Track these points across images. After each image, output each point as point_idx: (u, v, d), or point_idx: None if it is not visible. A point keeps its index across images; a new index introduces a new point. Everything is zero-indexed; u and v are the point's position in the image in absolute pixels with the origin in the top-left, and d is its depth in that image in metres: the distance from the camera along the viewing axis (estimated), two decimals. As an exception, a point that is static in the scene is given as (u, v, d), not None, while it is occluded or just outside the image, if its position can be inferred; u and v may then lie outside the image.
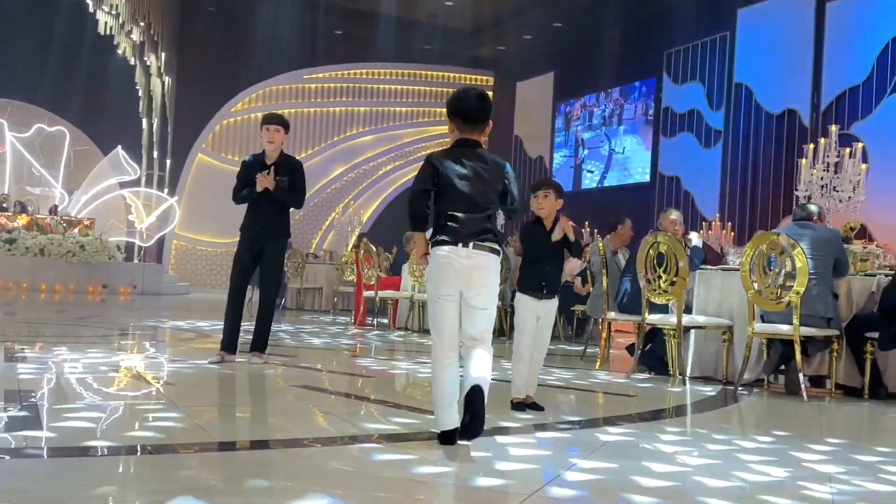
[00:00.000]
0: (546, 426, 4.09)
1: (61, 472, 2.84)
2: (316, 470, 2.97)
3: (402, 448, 3.44)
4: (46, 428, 3.48)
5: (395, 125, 23.20)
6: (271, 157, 6.14)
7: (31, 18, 19.15)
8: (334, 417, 4.09)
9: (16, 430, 3.41)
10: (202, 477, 2.89)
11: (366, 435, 3.66)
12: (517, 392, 4.48)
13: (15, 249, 15.78)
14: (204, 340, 7.75)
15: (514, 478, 3.01)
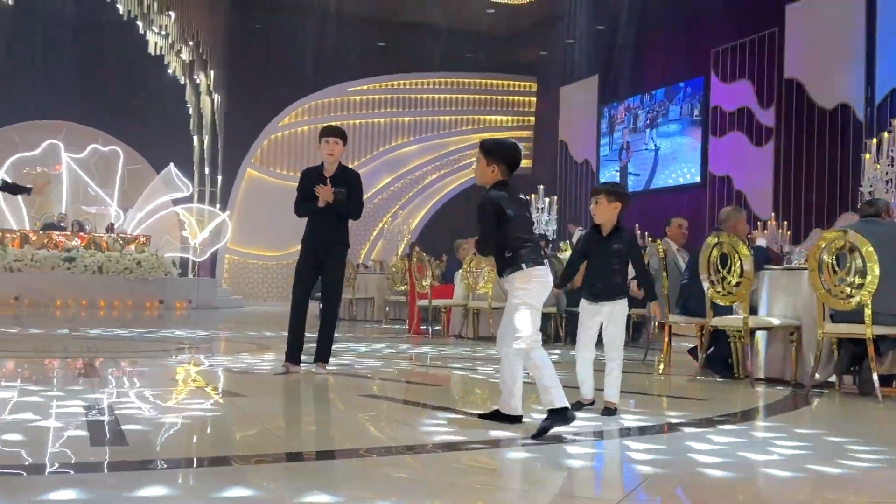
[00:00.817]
0: (628, 431, 4.06)
1: (138, 483, 2.90)
2: (384, 479, 2.99)
3: (471, 455, 3.45)
4: (128, 441, 3.55)
5: (440, 134, 23.29)
6: (330, 170, 6.20)
7: (84, 41, 19.62)
8: (402, 426, 4.12)
9: (99, 445, 3.50)
10: (271, 487, 2.93)
11: (434, 443, 3.67)
12: (584, 392, 4.54)
13: (74, 268, 16.15)
14: (265, 352, 7.85)
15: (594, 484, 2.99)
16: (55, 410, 4.22)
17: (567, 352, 8.74)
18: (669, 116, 18.46)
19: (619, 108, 20.01)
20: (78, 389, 4.99)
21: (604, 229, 4.57)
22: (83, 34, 19.48)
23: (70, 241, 16.80)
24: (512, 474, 3.27)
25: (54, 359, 7.00)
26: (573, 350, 4.73)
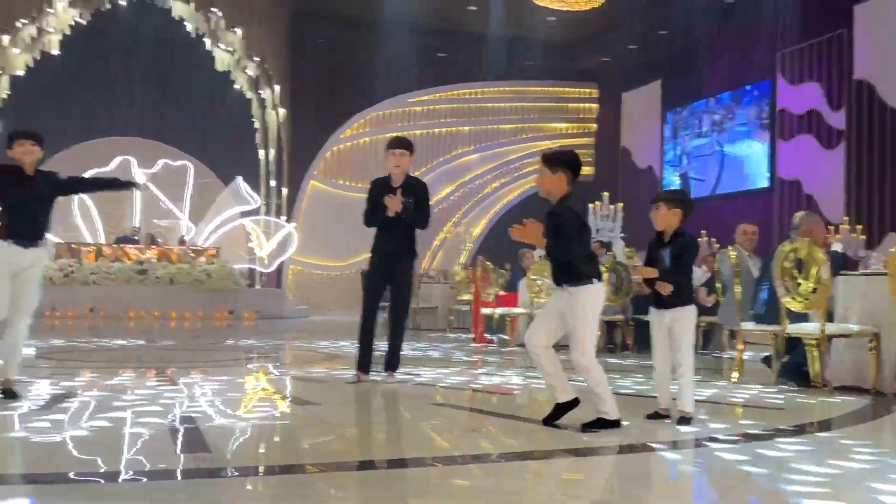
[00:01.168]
0: (713, 440, 4.01)
1: (224, 490, 2.98)
2: (451, 488, 3.01)
3: (538, 465, 3.45)
4: (211, 449, 3.65)
5: (500, 142, 23.31)
6: (397, 181, 6.28)
7: (155, 59, 20.22)
8: (469, 435, 4.14)
9: (188, 452, 3.61)
10: (345, 496, 2.98)
11: (500, 453, 3.68)
12: (660, 402, 4.51)
13: (147, 280, 16.62)
14: (334, 361, 7.96)
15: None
16: (139, 419, 4.36)
17: (635, 360, 8.65)
18: (736, 120, 18.15)
19: (684, 112, 19.75)
20: (158, 398, 5.14)
21: (665, 236, 4.57)
22: (154, 53, 20.08)
23: (143, 254, 17.30)
24: (581, 484, 3.27)
25: (132, 368, 7.22)
26: (642, 358, 4.70)
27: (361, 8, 19.93)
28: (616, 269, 9.80)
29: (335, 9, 20.28)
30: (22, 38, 17.54)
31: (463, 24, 21.06)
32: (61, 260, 16.43)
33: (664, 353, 4.50)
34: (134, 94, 19.97)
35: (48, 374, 6.64)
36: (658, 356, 4.53)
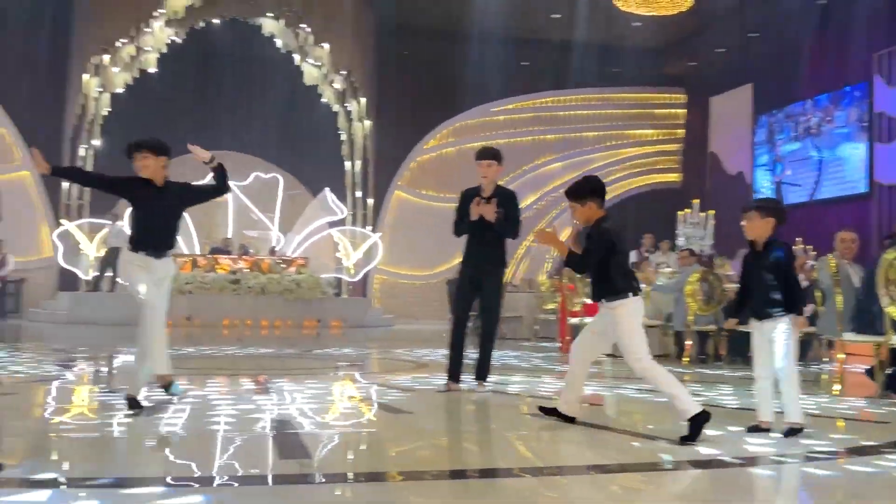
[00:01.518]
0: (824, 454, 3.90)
1: (314, 496, 3.05)
2: (539, 499, 3.01)
3: (627, 478, 3.40)
4: (303, 455, 3.74)
5: (585, 150, 23.10)
6: (487, 190, 6.32)
7: (245, 75, 20.83)
8: (559, 446, 4.12)
9: (289, 458, 3.70)
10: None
11: (589, 465, 3.65)
12: (760, 415, 4.40)
13: (239, 289, 17.09)
14: (423, 370, 8.03)
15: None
16: (242, 425, 4.50)
17: (728, 371, 8.45)
18: (836, 123, 17.53)
19: (780, 115, 19.15)
20: (257, 405, 5.29)
21: (757, 245, 4.48)
22: (246, 69, 20.70)
23: (235, 264, 17.79)
24: (677, 497, 3.22)
25: (227, 375, 7.43)
26: (736, 369, 4.62)
27: (445, 20, 20.11)
28: (707, 278, 9.61)
29: (420, 21, 20.51)
30: (121, 58, 18.32)
31: (546, 32, 20.99)
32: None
33: (765, 365, 4.40)
34: (227, 109, 20.60)
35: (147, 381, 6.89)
36: (759, 368, 4.43)
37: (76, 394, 6.11)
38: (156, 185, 5.11)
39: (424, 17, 19.98)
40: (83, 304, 16.65)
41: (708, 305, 9.44)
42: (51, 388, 6.17)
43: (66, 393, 6.11)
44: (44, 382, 6.40)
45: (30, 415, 4.90)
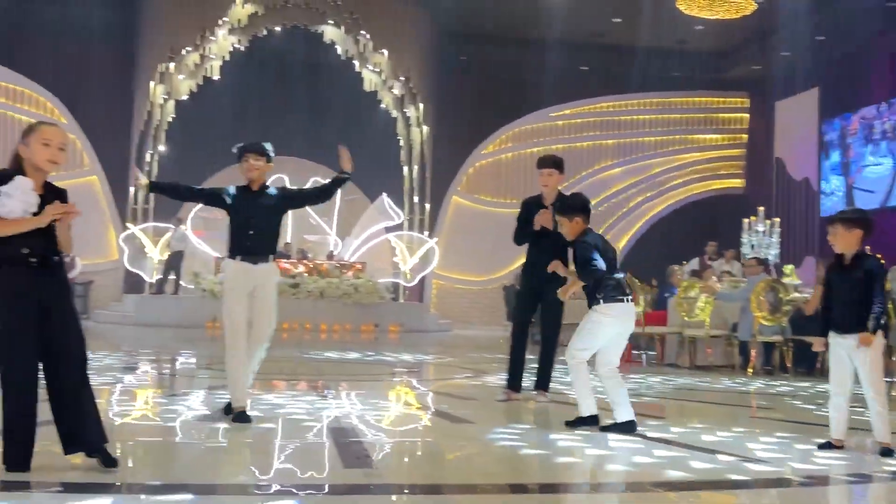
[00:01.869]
0: None
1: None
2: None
3: (695, 497, 3.30)
4: (375, 465, 3.73)
5: (645, 155, 22.81)
6: (549, 199, 6.25)
7: (305, 81, 21.07)
8: (629, 461, 4.03)
9: (353, 467, 3.69)
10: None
11: (655, 481, 3.56)
12: (833, 432, 4.23)
13: (298, 293, 17.28)
14: (482, 377, 7.98)
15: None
16: (300, 432, 4.52)
17: (793, 382, 8.21)
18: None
19: (851, 118, 18.57)
20: (321, 410, 5.31)
21: (845, 259, 4.33)
22: (306, 75, 20.95)
23: (295, 269, 17.99)
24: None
25: (286, 380, 7.49)
26: (802, 381, 4.48)
27: (504, 25, 20.06)
28: (774, 287, 9.37)
29: (478, 27, 20.51)
30: (186, 65, 18.71)
31: (607, 37, 20.79)
32: (221, 274, 17.33)
33: (843, 382, 4.24)
34: (287, 115, 20.87)
35: (208, 385, 6.99)
36: (836, 384, 4.27)
37: (139, 397, 6.22)
38: (252, 189, 5.01)
39: (483, 22, 19.97)
40: (148, 307, 17.02)
41: (774, 315, 9.21)
42: (114, 390, 6.29)
43: (129, 395, 6.22)
44: (108, 385, 6.53)
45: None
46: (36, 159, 3.36)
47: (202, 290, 16.95)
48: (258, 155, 5.00)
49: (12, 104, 19.06)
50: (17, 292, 3.26)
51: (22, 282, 3.27)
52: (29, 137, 3.38)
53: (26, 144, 3.37)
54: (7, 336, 3.24)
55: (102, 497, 2.96)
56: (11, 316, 3.25)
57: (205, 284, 17.01)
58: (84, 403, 3.33)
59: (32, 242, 3.28)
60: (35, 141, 3.37)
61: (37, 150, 3.36)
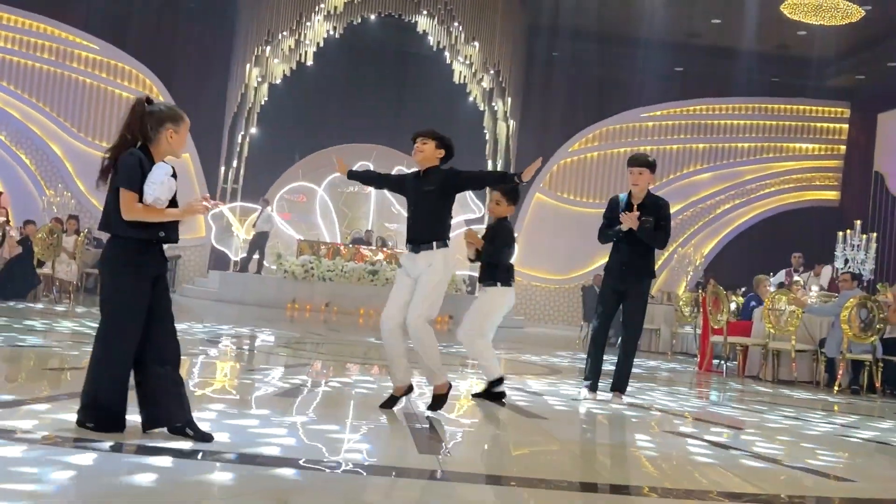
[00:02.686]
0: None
1: (440, 493, 2.99)
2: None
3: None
4: (430, 450, 3.72)
5: (736, 161, 22.18)
6: (637, 198, 6.13)
7: (396, 71, 21.25)
8: (698, 468, 3.91)
9: (427, 453, 3.69)
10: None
11: (719, 492, 3.44)
12: None
13: (377, 280, 17.45)
14: (556, 375, 7.90)
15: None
16: (379, 416, 4.55)
17: (885, 404, 7.88)
18: None
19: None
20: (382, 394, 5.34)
21: None
22: (397, 64, 21.11)
23: (374, 256, 18.17)
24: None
25: (359, 364, 7.56)
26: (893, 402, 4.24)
27: (598, 21, 19.77)
28: (866, 304, 9.00)
29: (571, 22, 20.26)
30: (281, 50, 19.06)
31: (704, 38, 20.28)
32: (303, 256, 17.64)
33: None
34: (376, 103, 21.07)
35: (284, 362, 7.11)
36: None
37: (220, 369, 6.37)
38: (419, 173, 4.88)
39: (576, 17, 19.71)
40: (231, 284, 17.45)
41: (865, 333, 8.84)
42: (196, 362, 6.45)
43: (210, 368, 6.37)
44: (190, 357, 6.70)
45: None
46: (180, 148, 3.51)
47: (284, 272, 17.28)
48: (424, 137, 4.92)
49: (112, 79, 19.76)
50: (145, 272, 3.40)
51: (151, 262, 3.43)
52: (181, 125, 3.48)
53: (177, 131, 3.46)
54: (128, 311, 3.36)
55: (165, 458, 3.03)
56: (136, 292, 3.37)
57: (287, 266, 17.34)
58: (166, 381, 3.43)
59: (168, 226, 3.44)
60: (185, 130, 3.50)
61: (184, 141, 3.53)
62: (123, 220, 3.35)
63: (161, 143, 3.45)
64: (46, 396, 4.25)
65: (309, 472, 3.07)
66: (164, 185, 3.38)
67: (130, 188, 3.33)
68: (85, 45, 19.92)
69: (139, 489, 2.60)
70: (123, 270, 3.37)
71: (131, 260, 3.38)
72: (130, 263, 3.38)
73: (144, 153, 3.43)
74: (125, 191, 3.33)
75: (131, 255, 3.38)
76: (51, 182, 19.35)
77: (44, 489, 2.49)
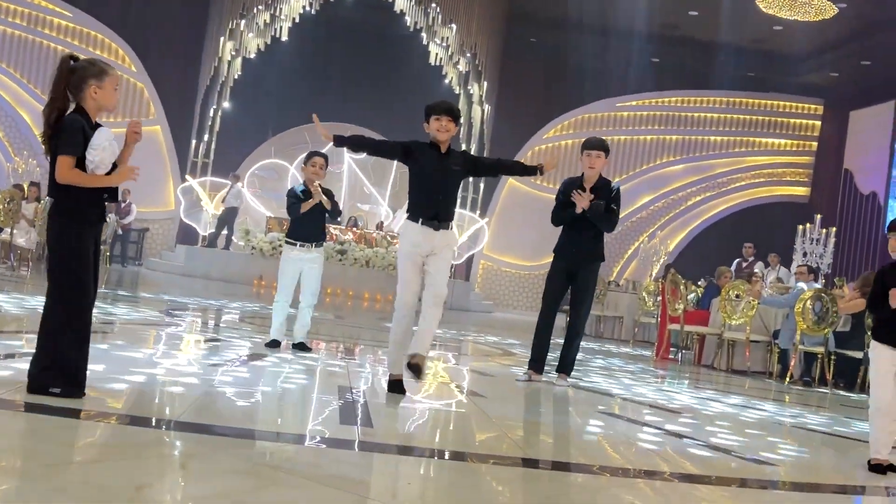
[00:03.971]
0: None
1: (379, 466, 3.00)
2: (614, 501, 2.87)
3: (710, 490, 3.21)
4: (372, 424, 3.72)
5: (708, 154, 22.32)
6: (590, 181, 6.15)
7: (371, 50, 21.07)
8: (639, 449, 3.95)
9: (348, 424, 3.70)
10: (501, 490, 2.91)
11: (671, 472, 3.48)
12: (876, 452, 4.00)
13: (345, 260, 17.41)
14: (509, 358, 7.94)
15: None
16: (315, 390, 4.54)
17: (834, 396, 7.98)
18: None
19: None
20: (339, 373, 5.33)
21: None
22: (372, 44, 20.96)
23: (344, 235, 18.11)
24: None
25: (321, 341, 7.55)
26: (844, 395, 4.29)
27: (576, 9, 19.73)
28: (821, 297, 9.10)
29: (549, 9, 20.22)
30: (256, 24, 18.87)
31: (681, 30, 20.32)
32: (272, 234, 17.55)
33: (886, 396, 4.00)
34: (349, 82, 20.94)
35: (248, 335, 7.08)
36: (879, 398, 4.03)
37: (183, 342, 6.33)
38: (440, 150, 4.72)
39: (554, 5, 19.68)
40: (198, 258, 17.34)
41: (819, 326, 8.94)
42: (160, 335, 6.40)
43: (172, 340, 6.33)
44: (150, 327, 6.65)
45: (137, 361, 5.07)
46: (108, 103, 3.45)
47: (251, 248, 17.20)
48: (452, 118, 4.73)
49: (85, 48, 19.47)
50: (88, 233, 3.40)
51: (94, 222, 3.44)
52: (104, 80, 3.42)
53: (100, 87, 3.41)
54: (76, 276, 3.35)
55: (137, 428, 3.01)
56: (82, 258, 3.37)
57: (255, 242, 17.25)
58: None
59: (111, 189, 3.45)
60: (111, 84, 3.44)
61: (111, 95, 3.45)
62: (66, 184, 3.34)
63: (87, 100, 3.41)
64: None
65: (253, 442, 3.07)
66: (107, 150, 3.38)
67: (69, 153, 3.33)
68: (58, 12, 19.63)
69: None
70: (72, 229, 3.37)
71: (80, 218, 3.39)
72: (80, 222, 3.39)
73: (82, 114, 3.39)
74: (62, 156, 3.33)
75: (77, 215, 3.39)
76: (18, 149, 19.10)
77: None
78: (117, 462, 2.54)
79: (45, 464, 2.33)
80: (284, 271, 6.04)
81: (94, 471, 2.35)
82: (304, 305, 6.10)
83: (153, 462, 2.54)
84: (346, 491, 2.47)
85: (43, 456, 2.43)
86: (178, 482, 2.35)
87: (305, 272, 6.04)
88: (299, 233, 6.07)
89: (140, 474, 2.37)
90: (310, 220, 6.06)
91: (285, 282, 6.02)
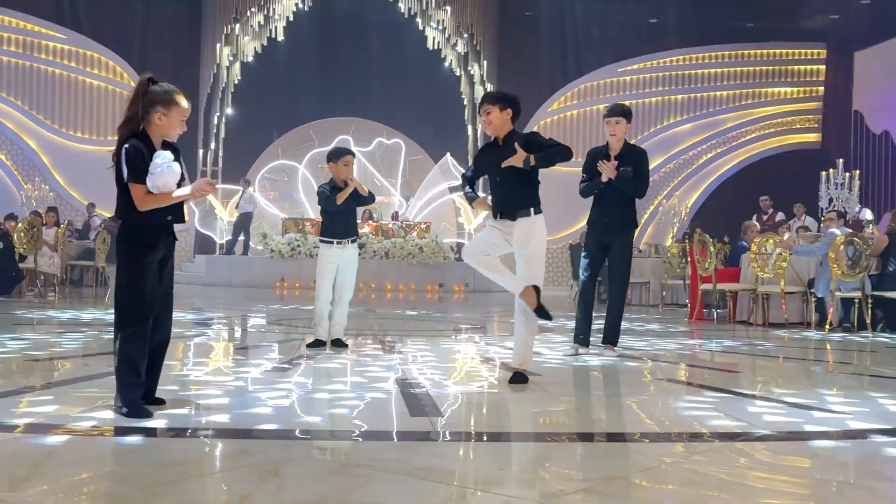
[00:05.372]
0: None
1: (464, 454, 2.99)
2: (669, 468, 2.84)
3: (751, 446, 3.18)
4: (442, 414, 3.70)
5: (716, 110, 22.16)
6: (615, 149, 6.09)
7: (368, 41, 21.00)
8: (691, 414, 3.92)
9: (419, 415, 3.67)
10: (596, 466, 2.89)
11: (726, 432, 3.45)
12: None
13: (364, 253, 17.39)
14: (549, 334, 7.91)
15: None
16: (372, 384, 4.53)
17: (877, 340, 7.93)
18: None
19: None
20: (389, 365, 5.32)
21: None
22: (368, 34, 20.87)
23: (361, 229, 18.08)
24: (804, 470, 2.98)
25: (353, 336, 7.54)
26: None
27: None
28: (853, 241, 9.02)
29: (543, -20, 20.10)
30: (251, 26, 18.80)
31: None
32: (289, 234, 17.55)
33: None
34: (351, 75, 20.87)
35: (280, 338, 7.09)
36: None
37: (214, 351, 6.34)
38: (498, 143, 4.60)
39: (548, -24, 19.54)
40: (218, 267, 17.37)
41: (853, 271, 8.87)
42: (189, 346, 6.42)
43: (204, 349, 6.34)
44: (183, 340, 6.66)
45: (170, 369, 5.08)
46: (169, 132, 3.49)
47: (270, 251, 17.21)
48: (486, 105, 4.56)
49: (82, 68, 19.47)
50: (152, 255, 3.45)
51: (159, 243, 3.48)
52: (171, 109, 3.45)
53: (166, 115, 3.44)
54: (139, 295, 3.40)
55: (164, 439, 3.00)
56: (146, 276, 3.42)
57: (273, 245, 17.26)
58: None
59: (174, 209, 3.49)
60: (177, 115, 3.46)
61: (175, 125, 3.49)
62: (130, 208, 3.40)
63: (152, 124, 3.45)
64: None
65: (313, 443, 3.05)
66: (166, 174, 3.39)
67: (136, 181, 3.37)
68: (52, 36, 19.62)
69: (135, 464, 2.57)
70: (135, 253, 3.42)
71: (142, 243, 3.43)
72: (141, 246, 3.43)
73: (143, 137, 3.42)
74: (133, 185, 3.38)
75: (140, 239, 3.44)
76: (28, 176, 19.14)
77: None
78: (212, 476, 2.53)
79: (141, 486, 2.32)
80: (322, 271, 6.03)
81: (192, 487, 2.34)
82: (342, 301, 6.09)
83: (246, 472, 2.52)
84: (440, 482, 2.45)
85: (137, 478, 2.42)
86: (277, 489, 2.33)
87: (342, 268, 6.04)
88: (335, 230, 6.06)
89: (238, 486, 2.36)
90: (343, 217, 6.05)
91: (325, 281, 6.01)
